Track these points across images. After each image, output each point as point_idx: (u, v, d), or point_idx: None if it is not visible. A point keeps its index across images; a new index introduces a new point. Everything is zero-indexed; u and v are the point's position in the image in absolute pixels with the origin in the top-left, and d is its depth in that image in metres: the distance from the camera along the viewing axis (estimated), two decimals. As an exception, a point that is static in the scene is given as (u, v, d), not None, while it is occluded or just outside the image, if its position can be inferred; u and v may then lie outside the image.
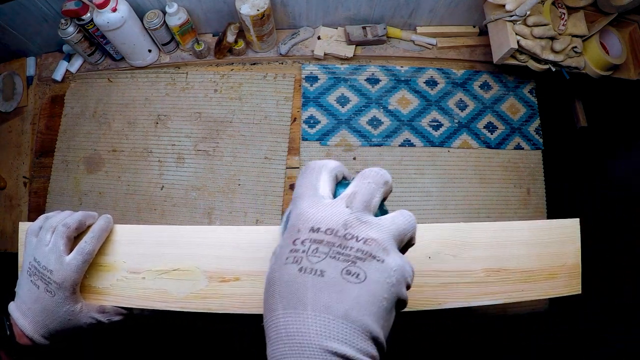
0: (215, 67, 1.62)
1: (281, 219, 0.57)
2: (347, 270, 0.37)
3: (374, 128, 1.55)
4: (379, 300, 0.37)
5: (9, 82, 1.63)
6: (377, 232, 0.39)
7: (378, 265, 0.38)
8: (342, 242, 0.38)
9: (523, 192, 1.54)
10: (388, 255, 0.39)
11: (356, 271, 0.37)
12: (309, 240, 0.39)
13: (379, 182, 0.44)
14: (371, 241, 0.38)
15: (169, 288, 0.73)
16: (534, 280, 0.77)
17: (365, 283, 0.36)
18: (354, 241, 0.38)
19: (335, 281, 0.36)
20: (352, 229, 0.39)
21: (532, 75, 1.60)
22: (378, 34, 1.57)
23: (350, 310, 0.35)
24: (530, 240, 0.78)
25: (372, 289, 0.37)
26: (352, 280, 0.36)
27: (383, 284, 0.37)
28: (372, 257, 0.38)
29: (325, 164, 0.47)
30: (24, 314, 0.67)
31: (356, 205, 0.41)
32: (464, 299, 0.74)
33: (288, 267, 0.39)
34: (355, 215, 0.40)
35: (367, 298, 0.36)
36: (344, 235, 0.38)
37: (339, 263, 0.37)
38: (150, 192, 1.50)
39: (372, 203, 0.42)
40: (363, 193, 0.42)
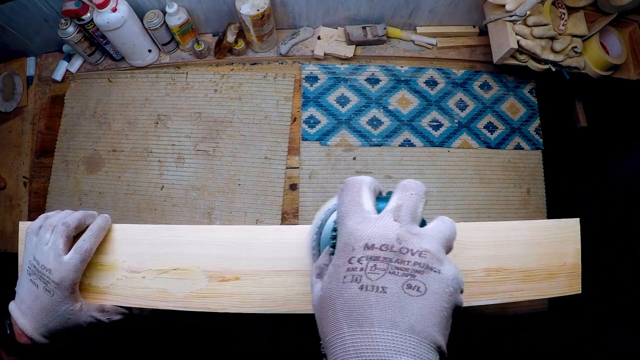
0: (215, 67, 1.62)
1: (310, 238, 0.58)
2: (407, 284, 0.37)
3: (374, 128, 1.55)
4: (440, 310, 0.38)
5: (9, 82, 1.63)
6: (429, 243, 0.40)
7: (436, 276, 0.38)
8: (399, 256, 0.38)
9: (523, 192, 1.54)
10: (443, 265, 0.39)
11: (416, 284, 0.37)
12: (366, 257, 0.39)
13: (420, 193, 0.45)
14: (426, 253, 0.39)
15: (169, 287, 0.73)
16: (534, 280, 0.77)
17: (426, 295, 0.37)
18: (410, 255, 0.39)
19: (398, 296, 0.37)
20: (406, 242, 0.39)
21: (532, 75, 1.60)
22: (378, 34, 1.57)
23: (415, 324, 0.36)
24: (530, 240, 0.78)
25: (433, 300, 0.37)
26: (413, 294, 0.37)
27: (442, 294, 0.38)
28: (429, 268, 0.38)
29: (362, 179, 0.48)
30: (23, 313, 0.68)
31: (404, 217, 0.42)
32: (464, 299, 0.74)
33: (348, 285, 0.39)
34: (406, 228, 0.41)
35: (430, 310, 0.37)
36: (399, 249, 0.39)
37: (398, 278, 0.37)
38: (150, 192, 1.50)
39: (417, 214, 0.43)
40: (408, 205, 0.43)
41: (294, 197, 1.48)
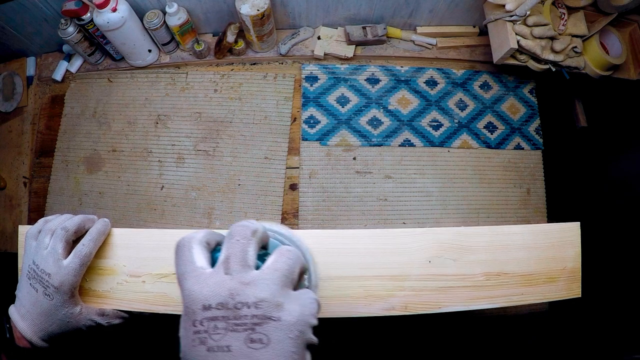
0: (215, 67, 1.61)
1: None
2: (250, 339, 0.37)
3: (374, 128, 1.55)
4: (288, 356, 0.38)
5: (9, 82, 1.63)
6: (263, 290, 0.40)
7: (276, 324, 0.38)
8: (235, 313, 0.39)
9: (523, 192, 1.54)
10: (282, 310, 0.39)
11: (259, 337, 0.37)
12: (206, 319, 0.39)
13: (246, 235, 0.44)
14: (261, 303, 0.39)
15: (169, 291, 0.73)
16: (534, 284, 0.77)
17: (271, 346, 0.37)
18: (246, 308, 0.39)
19: (243, 352, 0.37)
20: (239, 296, 0.39)
21: (532, 75, 1.60)
22: (378, 34, 1.57)
23: None
24: (530, 244, 0.78)
25: (279, 349, 0.37)
26: (257, 347, 0.37)
27: (286, 340, 0.38)
28: (267, 318, 0.38)
29: (192, 236, 0.47)
30: (23, 317, 0.68)
31: (234, 268, 0.42)
32: (463, 303, 0.75)
33: (197, 348, 0.39)
34: (238, 279, 0.41)
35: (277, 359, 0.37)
36: (234, 305, 0.39)
37: (239, 334, 0.38)
38: (150, 192, 1.50)
39: (248, 260, 0.43)
40: (236, 254, 0.43)
41: (294, 197, 1.49)
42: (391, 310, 0.73)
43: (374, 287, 0.72)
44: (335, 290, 0.72)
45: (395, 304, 0.73)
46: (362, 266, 0.73)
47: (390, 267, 0.73)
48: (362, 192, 1.50)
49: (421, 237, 0.75)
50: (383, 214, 1.49)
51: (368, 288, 0.72)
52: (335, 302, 0.72)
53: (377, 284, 0.72)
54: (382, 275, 0.73)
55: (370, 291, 0.72)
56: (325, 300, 0.72)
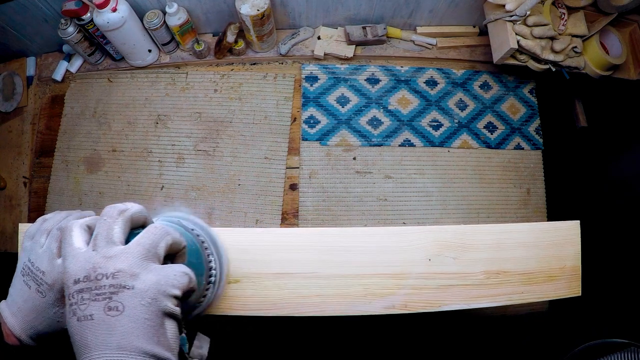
0: (215, 67, 1.61)
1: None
2: (107, 307, 0.40)
3: (374, 128, 1.55)
4: (141, 322, 0.41)
5: (9, 82, 1.63)
6: (122, 262, 0.43)
7: (129, 292, 0.41)
8: (96, 284, 0.42)
9: (523, 192, 1.54)
10: (137, 280, 0.42)
11: (115, 305, 0.40)
12: (75, 292, 0.43)
13: (112, 215, 0.47)
14: (118, 273, 0.42)
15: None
16: (534, 282, 0.77)
17: (125, 313, 0.40)
18: (105, 279, 0.42)
19: (102, 319, 0.40)
20: (101, 268, 0.42)
21: (532, 75, 1.60)
22: (378, 34, 1.57)
23: (121, 341, 0.39)
24: (530, 242, 0.78)
25: (132, 315, 0.40)
26: (114, 315, 0.40)
27: (139, 306, 0.41)
28: (122, 287, 0.41)
29: (75, 221, 0.51)
30: (13, 314, 0.67)
31: (99, 244, 0.45)
32: (463, 301, 0.74)
33: (71, 320, 0.43)
34: (101, 254, 0.43)
35: (131, 325, 0.40)
36: (95, 277, 0.42)
37: (99, 303, 0.41)
38: (150, 192, 1.50)
39: (112, 237, 0.45)
40: (101, 232, 0.46)
41: (294, 197, 1.49)
42: (391, 308, 0.73)
43: (374, 286, 0.72)
44: (335, 289, 0.72)
45: (395, 303, 0.73)
46: (362, 264, 0.73)
47: (390, 266, 0.73)
48: (362, 192, 1.50)
49: (421, 235, 0.75)
50: (383, 214, 1.49)
51: (368, 286, 0.72)
52: (335, 301, 0.72)
53: (377, 282, 0.72)
54: (382, 274, 0.73)
55: (370, 289, 0.72)
56: (325, 298, 0.71)
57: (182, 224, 0.63)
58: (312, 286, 0.72)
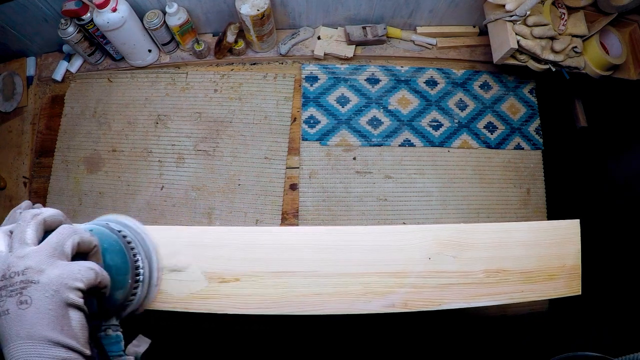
0: (215, 67, 1.61)
1: None
2: (19, 301, 0.44)
3: (374, 128, 1.55)
4: (46, 312, 0.44)
5: (9, 82, 1.63)
6: (31, 259, 0.46)
7: (36, 286, 0.45)
8: (9, 281, 0.45)
9: (523, 192, 1.54)
10: (42, 274, 0.46)
11: (25, 299, 0.44)
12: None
13: (26, 219, 0.51)
14: (27, 270, 0.45)
15: (169, 289, 0.73)
16: (534, 281, 0.77)
17: (33, 305, 0.44)
18: (17, 276, 0.45)
19: (16, 313, 0.44)
20: (14, 267, 0.46)
21: (532, 75, 1.60)
22: (378, 34, 1.57)
23: (30, 330, 0.43)
24: (530, 241, 0.78)
25: (38, 307, 0.44)
26: (24, 307, 0.44)
27: (44, 298, 0.44)
28: (30, 282, 0.45)
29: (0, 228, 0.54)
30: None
31: (15, 245, 0.48)
32: (463, 300, 0.74)
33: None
34: (15, 255, 0.47)
35: (38, 315, 0.44)
36: (9, 275, 0.45)
37: (13, 299, 0.44)
38: (150, 192, 1.50)
39: (26, 238, 0.49)
40: (16, 234, 0.49)
41: (294, 197, 1.49)
42: (391, 307, 0.72)
43: (374, 284, 0.72)
44: (335, 287, 0.72)
45: (395, 301, 0.72)
46: (362, 263, 0.73)
47: (390, 264, 0.73)
48: (362, 192, 1.50)
49: (421, 234, 0.75)
50: (383, 214, 1.49)
51: (368, 285, 0.72)
52: (334, 299, 0.72)
53: (377, 280, 0.72)
54: (382, 272, 0.73)
55: (370, 288, 0.72)
56: (325, 297, 0.71)
57: (110, 226, 0.64)
58: (312, 285, 0.72)
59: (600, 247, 1.39)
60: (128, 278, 0.62)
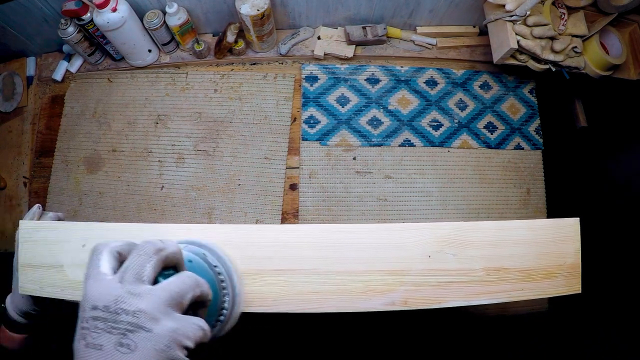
0: (215, 67, 1.62)
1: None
2: (119, 342, 0.41)
3: (374, 128, 1.55)
4: None
5: (9, 82, 1.63)
6: (146, 303, 0.44)
7: (146, 335, 0.42)
8: (114, 317, 0.43)
9: (523, 192, 1.54)
10: (157, 324, 0.43)
11: (127, 342, 0.41)
12: (92, 318, 0.44)
13: (148, 252, 0.48)
14: (139, 313, 0.43)
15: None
16: (534, 279, 0.77)
17: (135, 353, 0.41)
18: (124, 315, 0.43)
19: (111, 353, 0.41)
20: (123, 303, 0.43)
21: (532, 75, 1.60)
22: (378, 34, 1.57)
23: None
24: (530, 239, 0.78)
25: (142, 356, 0.41)
26: (124, 351, 0.41)
27: (151, 351, 0.42)
28: (140, 328, 0.42)
29: (107, 243, 0.51)
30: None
31: (127, 279, 0.46)
32: (463, 298, 0.74)
33: (79, 343, 0.44)
34: (127, 289, 0.44)
35: None
36: (114, 310, 0.43)
37: (112, 337, 0.41)
38: (150, 192, 1.50)
39: (144, 274, 0.46)
40: (133, 266, 0.47)
41: (294, 197, 1.49)
42: (391, 305, 0.72)
43: (374, 282, 0.72)
44: (335, 285, 0.72)
45: (395, 299, 0.72)
46: (362, 261, 0.73)
47: (390, 262, 0.73)
48: (362, 192, 1.50)
49: (421, 231, 0.75)
50: (383, 214, 1.49)
51: (368, 283, 0.72)
52: (334, 297, 0.72)
53: (377, 278, 0.72)
54: (382, 270, 0.73)
55: (370, 286, 0.72)
56: (325, 295, 0.71)
57: (207, 259, 0.63)
58: (312, 282, 0.72)
59: (600, 246, 1.39)
60: (212, 320, 0.61)
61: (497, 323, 1.43)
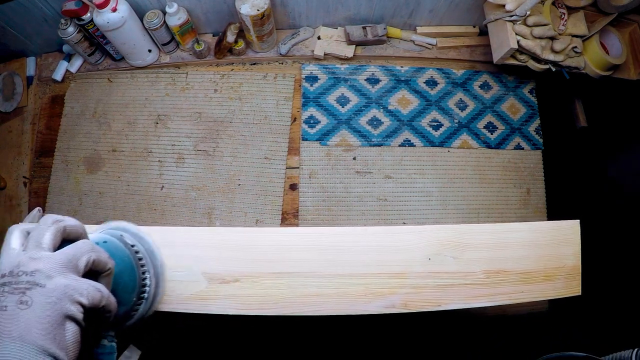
0: (215, 67, 1.61)
1: None
2: (20, 300, 0.44)
3: (374, 128, 1.55)
4: (43, 318, 0.44)
5: (9, 82, 1.63)
6: (43, 263, 0.47)
7: (40, 290, 0.45)
8: (16, 279, 0.46)
9: (523, 192, 1.54)
10: (51, 280, 0.46)
11: (26, 299, 0.44)
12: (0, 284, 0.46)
13: (47, 223, 0.51)
14: (36, 272, 0.46)
15: (169, 290, 0.73)
16: (534, 281, 0.77)
17: (32, 308, 0.44)
18: (24, 276, 0.46)
19: (13, 311, 0.43)
20: (24, 266, 0.46)
21: (532, 75, 1.60)
22: (378, 34, 1.57)
23: (23, 332, 0.43)
24: (530, 241, 0.78)
25: (37, 310, 0.44)
26: (23, 308, 0.44)
27: (44, 304, 0.44)
28: (36, 284, 0.45)
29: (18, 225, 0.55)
30: None
31: (29, 246, 0.49)
32: (463, 301, 0.74)
33: None
34: (28, 255, 0.48)
35: (34, 319, 0.44)
36: (17, 273, 0.46)
37: (14, 297, 0.44)
38: (150, 192, 1.50)
39: (43, 242, 0.49)
40: (34, 235, 0.50)
41: (294, 197, 1.49)
42: (391, 308, 0.72)
43: (374, 285, 0.72)
44: (335, 288, 0.72)
45: (395, 302, 0.72)
46: (362, 264, 0.73)
47: (390, 265, 0.73)
48: (362, 192, 1.50)
49: (421, 234, 0.75)
50: (383, 214, 1.49)
51: (368, 285, 0.72)
52: (334, 300, 0.72)
53: (377, 281, 0.72)
54: (383, 273, 0.73)
55: (371, 289, 0.72)
56: (325, 298, 0.71)
57: (124, 239, 0.64)
58: (312, 285, 0.72)
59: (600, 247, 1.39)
60: (133, 296, 0.62)
61: (497, 323, 1.43)
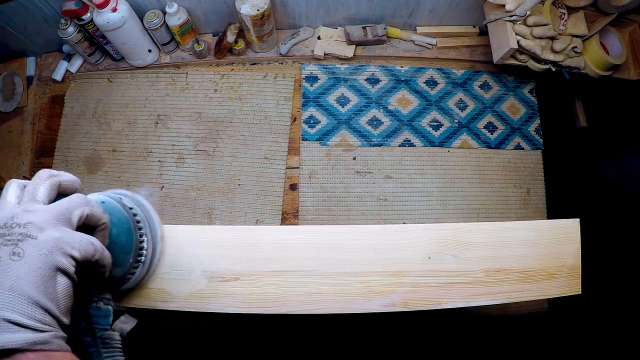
0: (215, 67, 1.61)
1: None
2: (12, 252, 0.44)
3: (374, 128, 1.55)
4: (35, 270, 0.44)
5: (9, 82, 1.63)
6: (36, 216, 0.47)
7: (32, 241, 0.45)
8: (9, 230, 0.46)
9: (523, 192, 1.54)
10: (43, 232, 0.46)
11: (18, 251, 0.45)
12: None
13: (42, 177, 0.51)
14: (29, 224, 0.46)
15: (169, 288, 0.73)
16: (534, 280, 0.77)
17: (24, 259, 0.44)
18: (18, 228, 0.46)
19: (5, 262, 0.44)
20: (17, 218, 0.47)
21: (532, 75, 1.60)
22: (378, 34, 1.57)
23: (14, 283, 0.43)
24: (530, 240, 0.78)
25: (29, 262, 0.44)
26: (15, 259, 0.44)
27: (36, 256, 0.45)
28: (28, 236, 0.45)
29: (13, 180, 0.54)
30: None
31: (24, 199, 0.49)
32: (463, 299, 0.74)
33: None
34: (23, 207, 0.48)
35: (26, 270, 0.44)
36: (10, 225, 0.46)
37: (7, 248, 0.45)
38: (150, 192, 1.50)
39: (37, 195, 0.50)
40: (28, 189, 0.50)
41: (294, 197, 1.48)
42: (391, 306, 0.72)
43: (374, 283, 0.72)
44: (334, 287, 0.72)
45: (395, 300, 0.72)
46: (362, 262, 0.73)
47: (390, 263, 0.73)
48: (362, 192, 1.50)
49: (421, 233, 0.75)
50: (383, 214, 1.49)
51: (368, 284, 0.72)
52: (334, 298, 0.72)
53: (377, 279, 0.72)
54: (383, 271, 0.73)
55: (370, 287, 0.72)
56: (325, 296, 0.71)
57: (122, 201, 0.64)
58: (312, 284, 0.72)
59: (600, 247, 1.39)
60: (130, 258, 0.62)
61: (497, 323, 1.43)
